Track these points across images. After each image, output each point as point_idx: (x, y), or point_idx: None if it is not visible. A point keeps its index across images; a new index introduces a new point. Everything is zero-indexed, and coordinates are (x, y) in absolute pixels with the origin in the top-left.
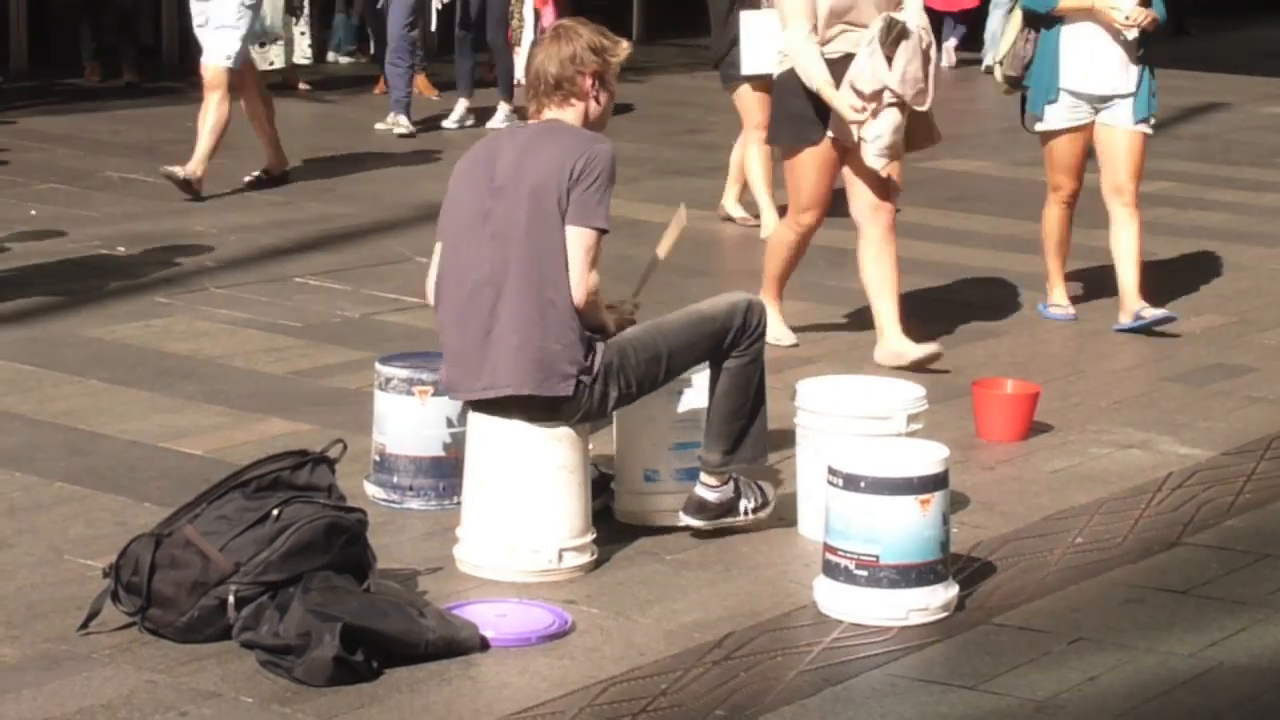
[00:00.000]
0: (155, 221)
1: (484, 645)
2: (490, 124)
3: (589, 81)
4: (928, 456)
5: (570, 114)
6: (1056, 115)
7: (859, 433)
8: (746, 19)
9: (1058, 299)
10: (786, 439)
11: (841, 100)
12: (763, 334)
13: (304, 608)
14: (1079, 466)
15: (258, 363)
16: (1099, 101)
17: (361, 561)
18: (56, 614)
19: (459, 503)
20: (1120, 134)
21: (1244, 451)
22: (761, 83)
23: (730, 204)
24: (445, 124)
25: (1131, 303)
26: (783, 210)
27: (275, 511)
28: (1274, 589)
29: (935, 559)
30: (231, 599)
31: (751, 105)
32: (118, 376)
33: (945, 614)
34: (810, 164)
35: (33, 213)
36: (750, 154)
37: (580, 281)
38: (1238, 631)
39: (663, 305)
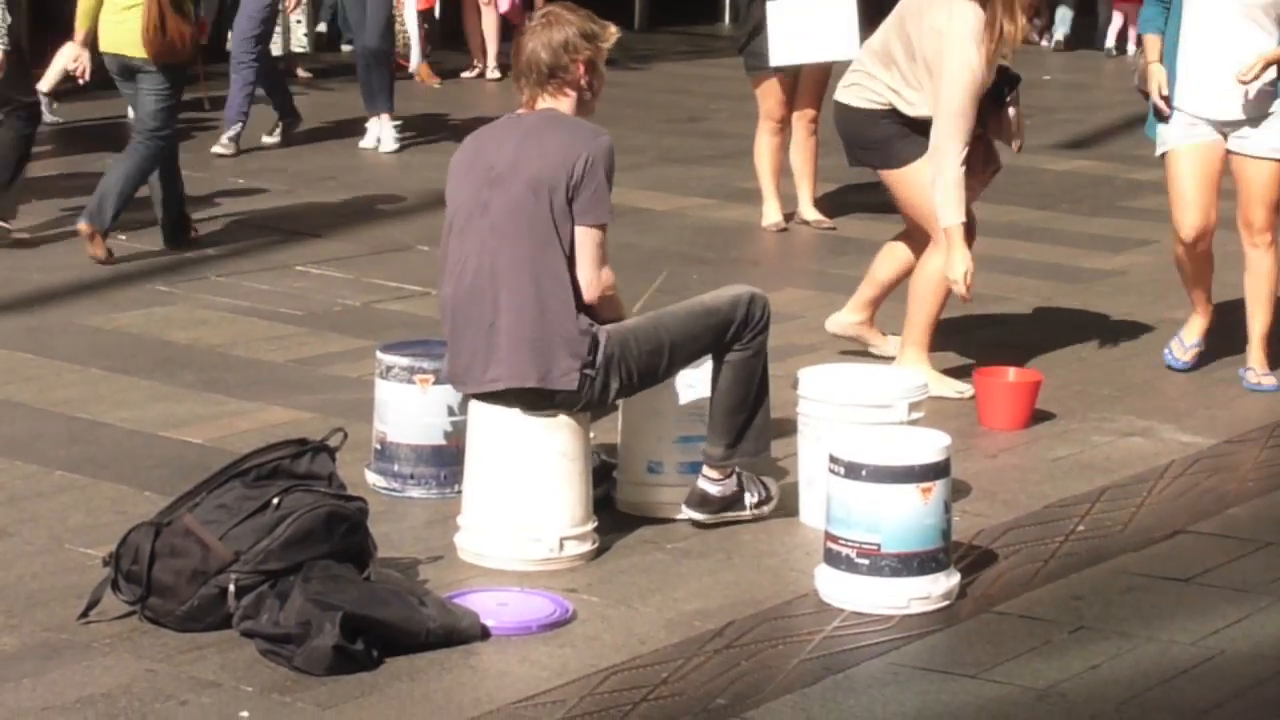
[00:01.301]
0: (155, 209)
1: (485, 634)
2: (383, 148)
3: (581, 69)
4: (929, 445)
5: (565, 103)
6: (1170, 135)
7: (860, 421)
8: (773, 9)
9: (1188, 336)
10: (788, 427)
11: (961, 260)
12: (766, 327)
13: (304, 596)
14: (1081, 454)
15: (258, 351)
16: (1224, 126)
17: (362, 550)
18: (56, 603)
19: (460, 491)
20: (1249, 163)
21: (1246, 439)
22: (781, 74)
23: (805, 208)
24: (363, 145)
25: (1251, 357)
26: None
27: (275, 500)
28: (1275, 577)
29: (937, 547)
30: (231, 588)
31: (769, 96)
32: (118, 365)
33: (947, 602)
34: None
35: (33, 201)
36: (761, 144)
37: (594, 278)
38: (1239, 620)
39: (665, 296)
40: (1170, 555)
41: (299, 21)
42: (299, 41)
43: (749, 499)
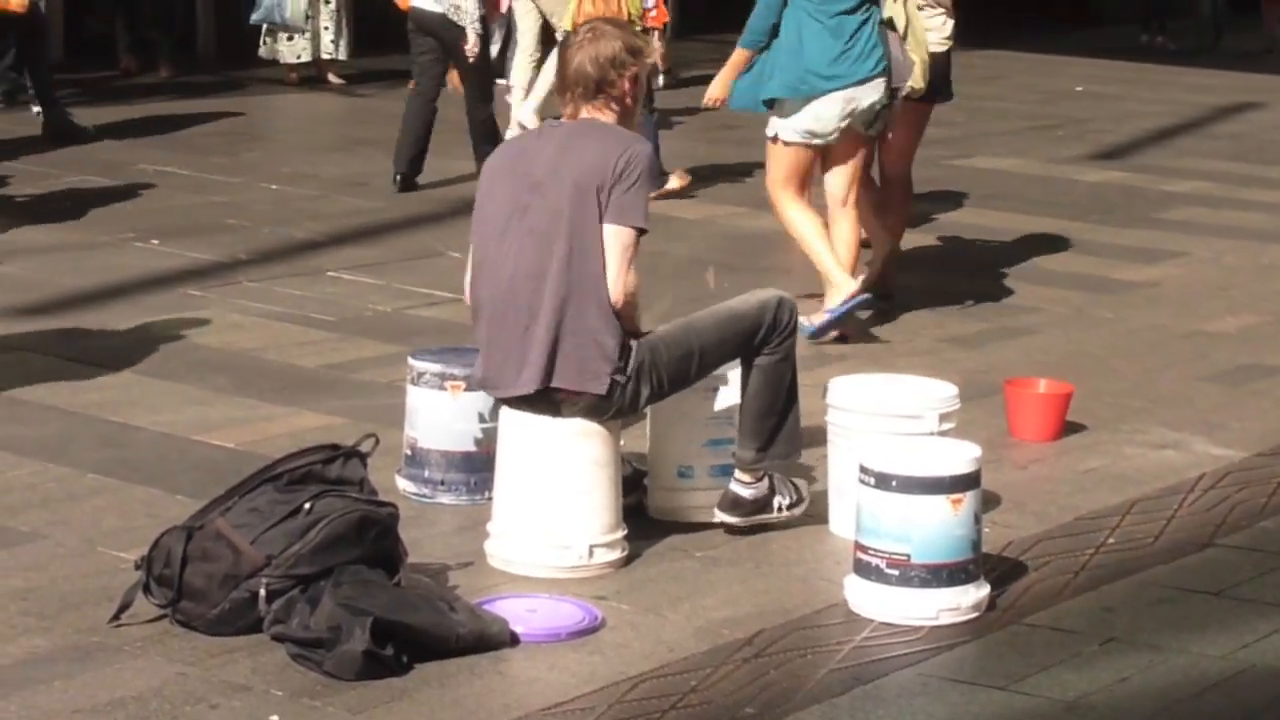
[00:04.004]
0: (189, 214)
1: (514, 640)
2: None
3: (627, 84)
4: (960, 456)
5: (607, 116)
6: None
7: (891, 431)
8: None
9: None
10: (818, 437)
11: None
12: (794, 331)
13: (335, 601)
14: (1112, 466)
15: (290, 356)
16: None
17: (393, 555)
18: (88, 605)
19: (490, 498)
20: None
21: (1278, 453)
22: None
23: None
24: None
25: None
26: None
27: (307, 505)
28: None
29: (967, 558)
30: (263, 592)
31: None
32: (150, 368)
33: (976, 614)
34: None
35: (66, 204)
36: None
37: (618, 280)
38: (1270, 634)
39: (693, 302)
40: (1201, 568)
41: (326, 28)
42: (327, 48)
43: (780, 501)
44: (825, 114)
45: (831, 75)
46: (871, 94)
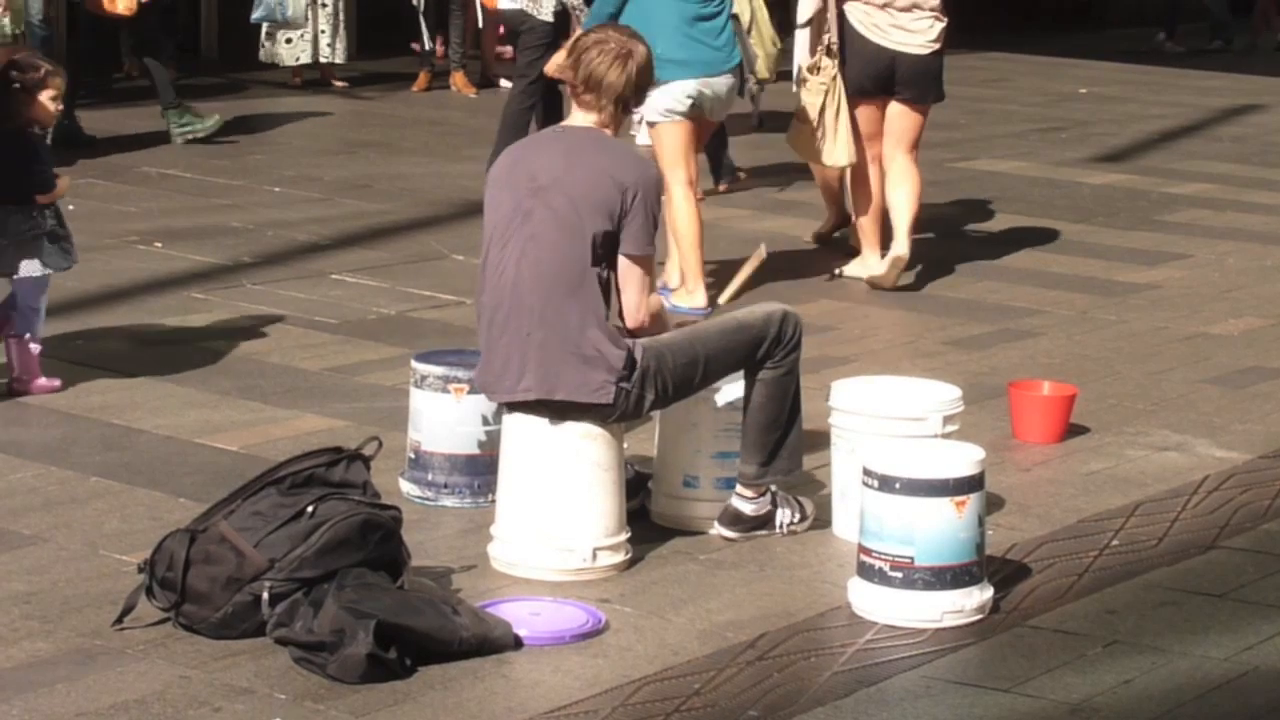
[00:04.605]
0: (192, 217)
1: (517, 643)
2: None
3: (637, 102)
4: (963, 458)
5: (611, 126)
6: None
7: (894, 434)
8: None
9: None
10: (821, 439)
11: None
12: (798, 345)
13: (338, 604)
14: (1115, 469)
15: (293, 359)
16: None
17: (396, 559)
18: (91, 609)
19: (493, 500)
20: None
21: None
22: None
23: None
24: None
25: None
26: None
27: (310, 508)
28: None
29: (970, 561)
30: (266, 595)
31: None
32: (153, 371)
33: (980, 616)
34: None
35: (70, 208)
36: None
37: (639, 306)
38: (1273, 635)
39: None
40: (1204, 570)
41: (323, 31)
42: (324, 51)
43: (782, 518)
44: (678, 92)
45: (684, 61)
46: (722, 85)
